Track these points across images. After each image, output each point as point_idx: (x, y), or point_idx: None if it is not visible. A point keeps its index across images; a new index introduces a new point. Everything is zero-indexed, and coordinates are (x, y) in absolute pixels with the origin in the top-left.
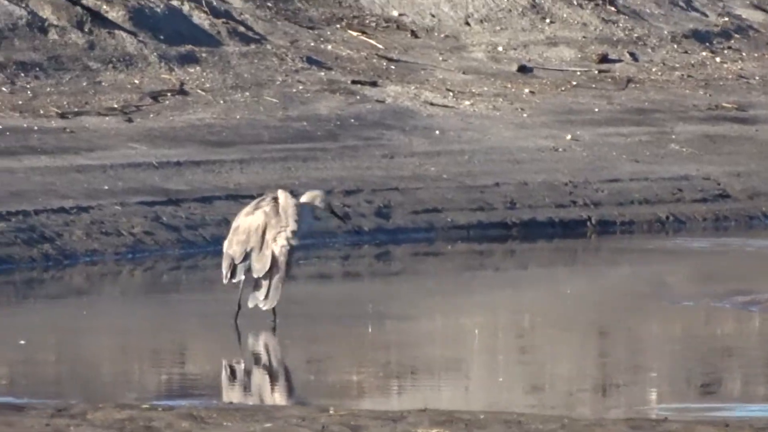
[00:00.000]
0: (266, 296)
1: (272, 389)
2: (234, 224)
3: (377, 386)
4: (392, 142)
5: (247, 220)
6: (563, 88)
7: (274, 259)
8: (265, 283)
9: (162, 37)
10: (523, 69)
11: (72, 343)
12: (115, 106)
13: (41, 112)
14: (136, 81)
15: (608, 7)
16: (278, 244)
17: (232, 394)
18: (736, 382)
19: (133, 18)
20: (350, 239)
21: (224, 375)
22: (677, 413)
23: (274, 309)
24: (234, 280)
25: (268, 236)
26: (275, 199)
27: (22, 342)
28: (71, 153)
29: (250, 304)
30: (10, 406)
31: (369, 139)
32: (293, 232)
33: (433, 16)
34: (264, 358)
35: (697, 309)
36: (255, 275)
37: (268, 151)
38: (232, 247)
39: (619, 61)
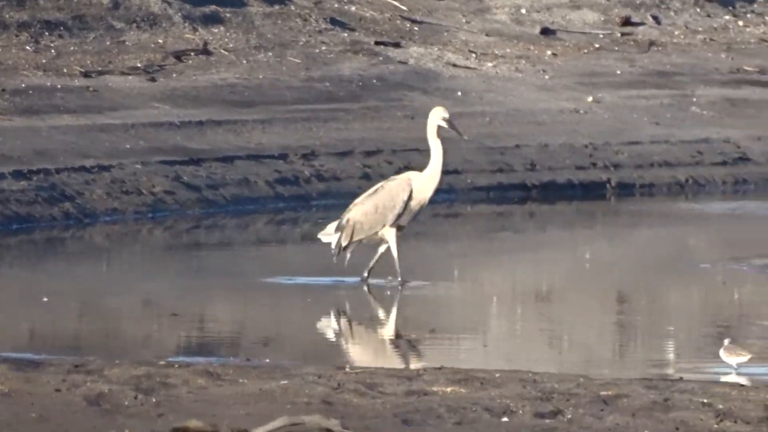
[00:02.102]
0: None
1: (289, 347)
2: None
3: (394, 346)
4: (414, 103)
5: None
6: (586, 51)
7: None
8: None
9: None
10: (545, 31)
11: (92, 301)
12: (139, 65)
13: (65, 71)
14: (160, 41)
15: None
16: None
17: (249, 352)
18: (752, 343)
19: None
20: None
21: (242, 333)
22: (693, 374)
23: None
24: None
25: None
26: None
27: (45, 299)
28: (94, 112)
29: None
30: (29, 362)
31: (391, 101)
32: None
33: None
34: (281, 317)
35: (715, 272)
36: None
37: (290, 111)
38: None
39: (642, 24)
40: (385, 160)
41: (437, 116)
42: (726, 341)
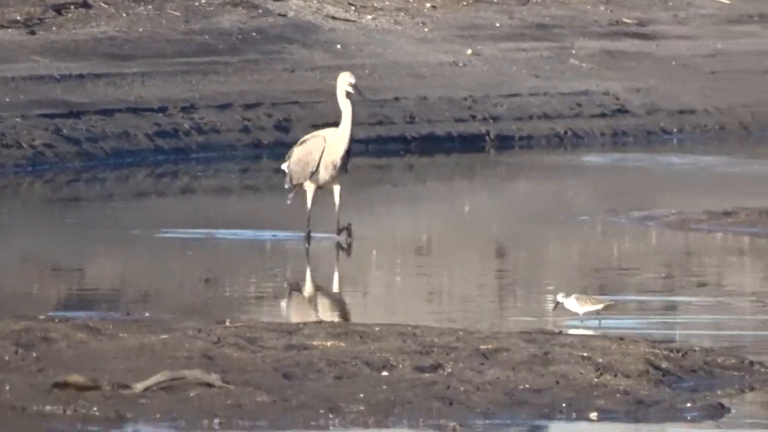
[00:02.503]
0: None
1: (169, 302)
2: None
3: (274, 301)
4: (294, 56)
5: None
6: (465, 3)
7: None
8: None
9: None
10: None
11: None
12: (18, 18)
13: None
14: None
15: None
16: None
17: (129, 307)
18: (630, 296)
19: None
20: (249, 152)
21: (122, 288)
22: (572, 327)
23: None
24: None
25: None
26: None
27: None
28: None
29: None
30: None
31: (271, 53)
32: None
33: None
34: (161, 271)
35: (594, 224)
36: None
37: (170, 64)
38: None
39: None
40: (265, 113)
41: (344, 81)
42: (560, 295)
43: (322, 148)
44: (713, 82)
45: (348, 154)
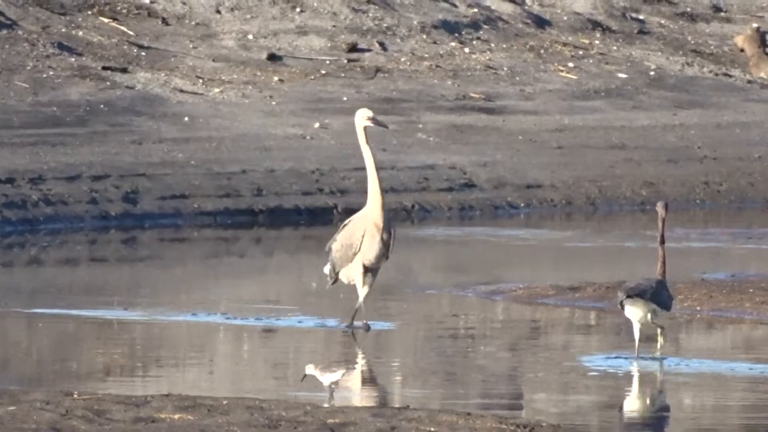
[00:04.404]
0: None
1: (16, 373)
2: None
3: (123, 372)
4: (141, 128)
5: None
6: (312, 77)
7: None
8: None
9: None
10: (272, 57)
11: None
12: None
13: None
14: None
15: None
16: None
17: None
18: (476, 371)
19: None
20: (97, 224)
21: None
22: (420, 401)
23: None
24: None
25: None
26: None
27: None
28: None
29: None
30: None
31: (118, 125)
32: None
33: (184, 3)
34: (8, 343)
35: (441, 297)
36: None
37: (18, 135)
38: None
39: (369, 50)
40: (113, 184)
41: (362, 117)
42: (309, 367)
43: (364, 227)
44: (560, 157)
45: (387, 218)
